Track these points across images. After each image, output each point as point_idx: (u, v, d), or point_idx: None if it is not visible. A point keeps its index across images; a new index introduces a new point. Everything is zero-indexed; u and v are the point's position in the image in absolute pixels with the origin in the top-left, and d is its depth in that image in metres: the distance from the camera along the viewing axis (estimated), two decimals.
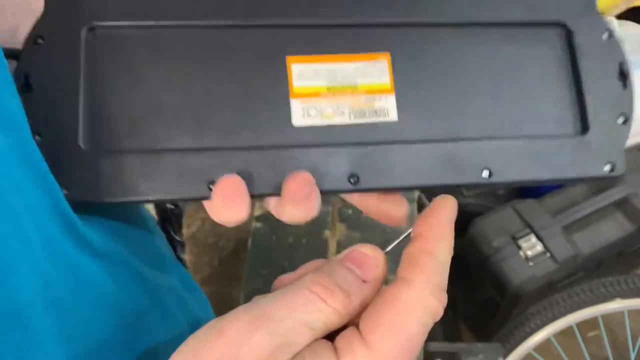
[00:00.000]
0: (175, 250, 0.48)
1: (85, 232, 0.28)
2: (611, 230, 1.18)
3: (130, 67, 0.30)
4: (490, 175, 0.31)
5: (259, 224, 1.04)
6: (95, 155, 0.29)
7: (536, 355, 1.07)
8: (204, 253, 1.50)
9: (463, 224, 1.28)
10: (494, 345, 0.98)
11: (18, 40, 0.30)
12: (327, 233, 1.02)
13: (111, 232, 0.31)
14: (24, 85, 0.28)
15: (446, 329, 1.28)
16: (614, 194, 1.17)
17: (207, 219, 1.53)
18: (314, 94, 0.31)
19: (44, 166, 0.25)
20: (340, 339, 0.22)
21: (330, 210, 1.04)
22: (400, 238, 0.27)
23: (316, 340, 0.22)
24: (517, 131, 0.32)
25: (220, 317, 0.22)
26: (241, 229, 1.52)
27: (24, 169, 0.24)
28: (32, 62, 0.29)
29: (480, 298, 1.25)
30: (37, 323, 0.23)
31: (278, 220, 0.29)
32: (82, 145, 0.29)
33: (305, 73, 0.31)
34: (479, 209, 1.35)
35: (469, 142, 0.31)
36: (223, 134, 0.30)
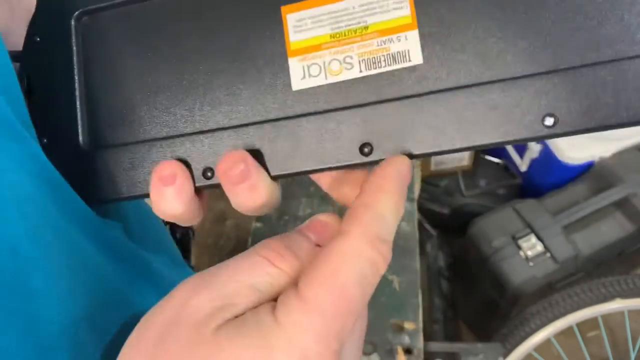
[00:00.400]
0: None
1: (99, 227, 0.29)
2: (611, 230, 1.17)
3: (118, 52, 0.28)
4: (555, 122, 0.23)
5: (259, 224, 1.04)
6: (95, 153, 0.28)
7: (536, 355, 1.07)
8: (203, 253, 1.50)
9: (463, 224, 1.28)
10: (494, 345, 0.98)
11: (11, 42, 0.30)
12: None
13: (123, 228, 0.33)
14: (27, 89, 0.28)
15: (446, 329, 1.28)
16: (614, 194, 1.17)
17: (206, 218, 1.53)
18: (316, 47, 0.26)
19: (54, 171, 0.26)
20: (280, 297, 0.21)
21: (331, 210, 1.04)
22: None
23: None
24: (593, 56, 0.23)
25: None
26: (241, 229, 1.52)
27: (32, 174, 0.25)
28: (31, 63, 0.29)
29: (480, 298, 1.25)
30: (44, 302, 0.24)
31: (278, 220, 0.29)
32: (82, 145, 0.28)
33: (303, 22, 0.26)
34: (479, 209, 1.35)
35: (522, 81, 0.24)
36: (213, 115, 0.27)
